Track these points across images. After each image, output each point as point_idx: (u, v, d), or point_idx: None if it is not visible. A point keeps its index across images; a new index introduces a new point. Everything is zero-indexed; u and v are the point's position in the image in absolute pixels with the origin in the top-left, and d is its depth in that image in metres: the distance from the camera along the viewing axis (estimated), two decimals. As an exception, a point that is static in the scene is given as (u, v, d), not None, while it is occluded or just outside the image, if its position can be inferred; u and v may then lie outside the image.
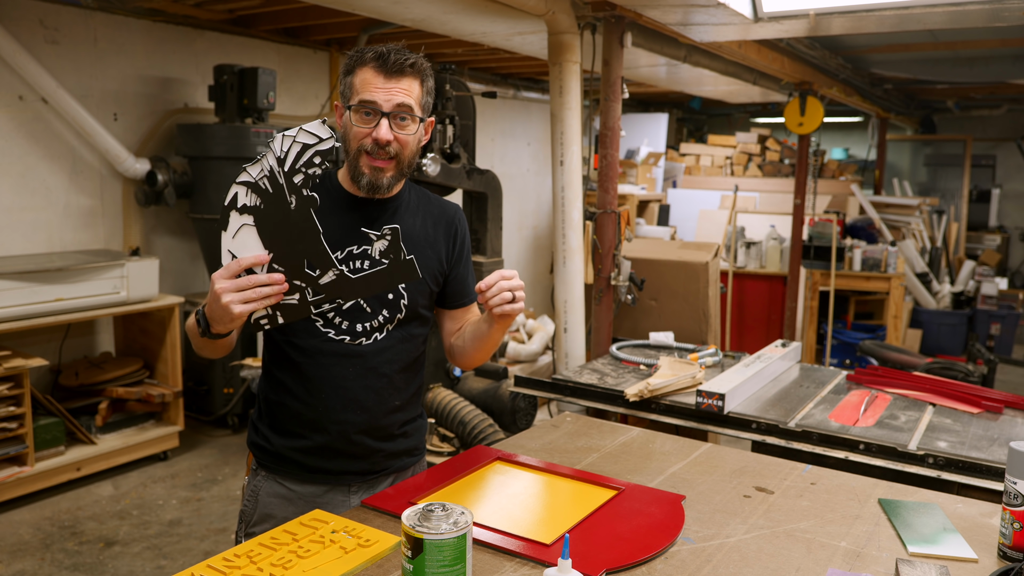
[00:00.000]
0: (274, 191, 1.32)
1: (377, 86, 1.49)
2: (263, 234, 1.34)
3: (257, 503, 1.64)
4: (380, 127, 1.49)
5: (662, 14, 3.72)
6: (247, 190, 1.32)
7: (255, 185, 1.32)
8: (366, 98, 1.49)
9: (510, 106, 7.45)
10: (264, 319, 1.38)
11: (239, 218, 1.33)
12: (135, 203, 4.57)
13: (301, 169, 1.31)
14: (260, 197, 1.32)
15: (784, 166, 8.45)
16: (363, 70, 1.50)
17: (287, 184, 1.31)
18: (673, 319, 4.17)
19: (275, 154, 1.30)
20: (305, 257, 1.36)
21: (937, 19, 3.58)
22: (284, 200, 1.32)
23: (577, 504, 1.51)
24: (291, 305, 1.37)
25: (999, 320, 7.17)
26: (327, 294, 1.38)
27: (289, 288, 1.36)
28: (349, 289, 1.38)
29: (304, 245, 1.35)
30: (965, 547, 1.39)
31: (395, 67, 1.49)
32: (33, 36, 4.07)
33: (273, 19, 4.89)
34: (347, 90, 1.53)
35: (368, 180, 1.53)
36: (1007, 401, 2.46)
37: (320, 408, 1.58)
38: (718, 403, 2.33)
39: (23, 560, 3.26)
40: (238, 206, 1.33)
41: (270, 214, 1.33)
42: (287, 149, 1.30)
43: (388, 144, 1.50)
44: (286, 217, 1.33)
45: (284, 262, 1.35)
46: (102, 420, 4.12)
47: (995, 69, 6.39)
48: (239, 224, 1.33)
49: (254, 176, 1.32)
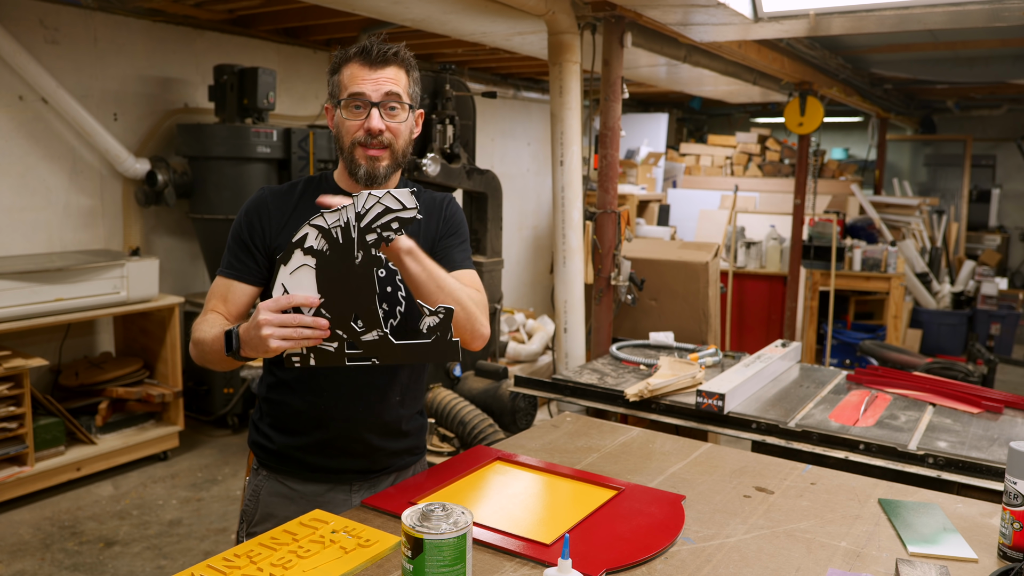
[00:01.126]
0: (344, 242, 1.33)
1: (364, 78, 1.51)
2: (320, 278, 1.35)
3: (259, 502, 1.65)
4: (371, 117, 1.51)
5: (662, 14, 3.72)
6: (318, 233, 1.33)
7: (327, 232, 1.33)
8: (354, 91, 1.51)
9: (510, 106, 7.45)
10: (296, 357, 1.39)
11: (302, 257, 1.34)
12: (135, 203, 4.57)
13: (376, 230, 1.32)
14: (328, 243, 1.33)
15: (784, 166, 8.45)
16: (348, 66, 1.53)
17: (359, 239, 1.32)
18: (673, 319, 4.17)
19: (356, 209, 1.31)
20: (355, 311, 1.36)
21: (937, 19, 3.58)
22: (351, 253, 1.33)
23: (577, 504, 1.51)
24: (327, 351, 1.37)
25: (999, 320, 7.17)
26: (365, 351, 1.38)
27: (330, 336, 1.36)
28: (387, 352, 1.38)
29: (357, 301, 1.36)
30: (965, 547, 1.39)
31: (379, 58, 1.51)
32: (33, 36, 4.07)
33: (273, 19, 4.89)
34: (335, 88, 1.55)
35: (365, 170, 1.53)
36: (1007, 401, 2.46)
37: (322, 405, 1.59)
38: (718, 403, 2.33)
39: (23, 560, 3.26)
40: (305, 246, 1.34)
41: (333, 262, 1.34)
42: (369, 207, 1.31)
43: (381, 133, 1.52)
44: (348, 269, 1.34)
45: (333, 310, 1.36)
46: (102, 420, 4.12)
47: (995, 69, 6.39)
48: (300, 263, 1.34)
49: (328, 223, 1.33)
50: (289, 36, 5.33)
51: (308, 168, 4.73)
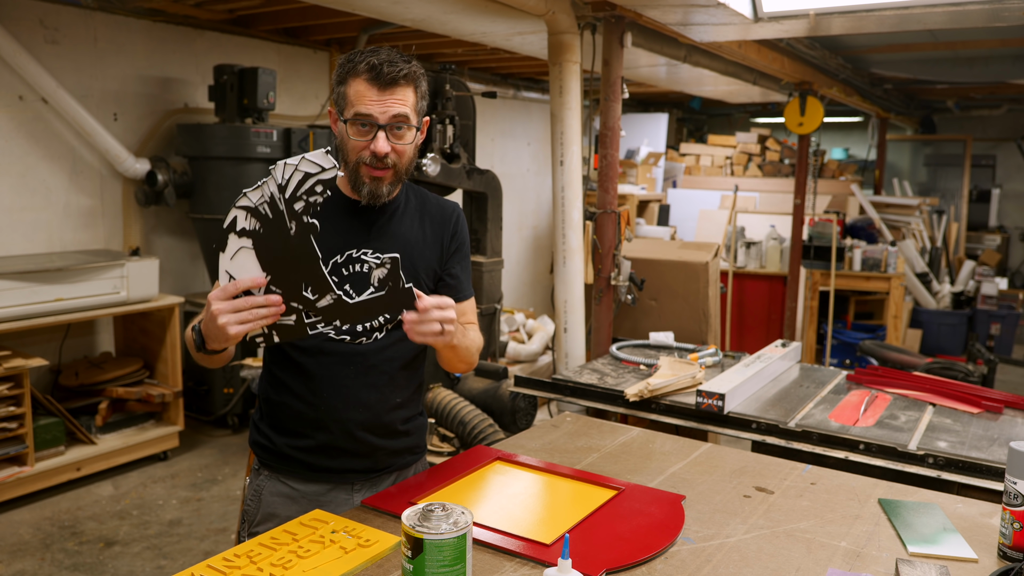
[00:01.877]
0: (274, 217, 1.32)
1: (371, 99, 1.48)
2: (261, 257, 1.34)
3: (260, 503, 1.65)
4: (377, 140, 1.49)
5: (662, 14, 3.72)
6: (246, 214, 1.32)
7: (255, 210, 1.32)
8: (361, 111, 1.48)
9: (510, 106, 7.45)
10: (260, 338, 1.39)
11: (237, 240, 1.33)
12: (135, 203, 4.57)
13: (302, 197, 1.31)
14: (259, 222, 1.32)
15: (784, 166, 8.45)
16: (356, 81, 1.49)
17: (287, 211, 1.31)
18: (673, 319, 4.17)
19: (276, 181, 1.30)
20: (303, 281, 1.36)
21: (937, 19, 3.58)
22: (284, 226, 1.32)
23: (577, 504, 1.51)
24: (287, 326, 1.38)
25: (999, 320, 7.17)
26: (324, 317, 1.38)
27: (286, 310, 1.37)
28: (346, 313, 1.39)
29: (303, 269, 1.35)
30: (965, 547, 1.39)
31: (388, 79, 1.48)
32: (33, 36, 4.07)
33: (273, 19, 4.89)
34: (341, 100, 1.52)
35: (369, 190, 1.53)
36: (1007, 401, 2.46)
37: (322, 407, 1.59)
38: (718, 403, 2.33)
39: (23, 560, 3.26)
40: (237, 229, 1.33)
41: (269, 238, 1.33)
42: (289, 177, 1.30)
43: (386, 156, 1.50)
44: (285, 242, 1.33)
45: (282, 284, 1.36)
46: (102, 420, 4.12)
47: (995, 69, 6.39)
48: (237, 246, 1.33)
49: (254, 201, 1.32)
50: (289, 36, 5.33)
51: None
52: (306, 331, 1.39)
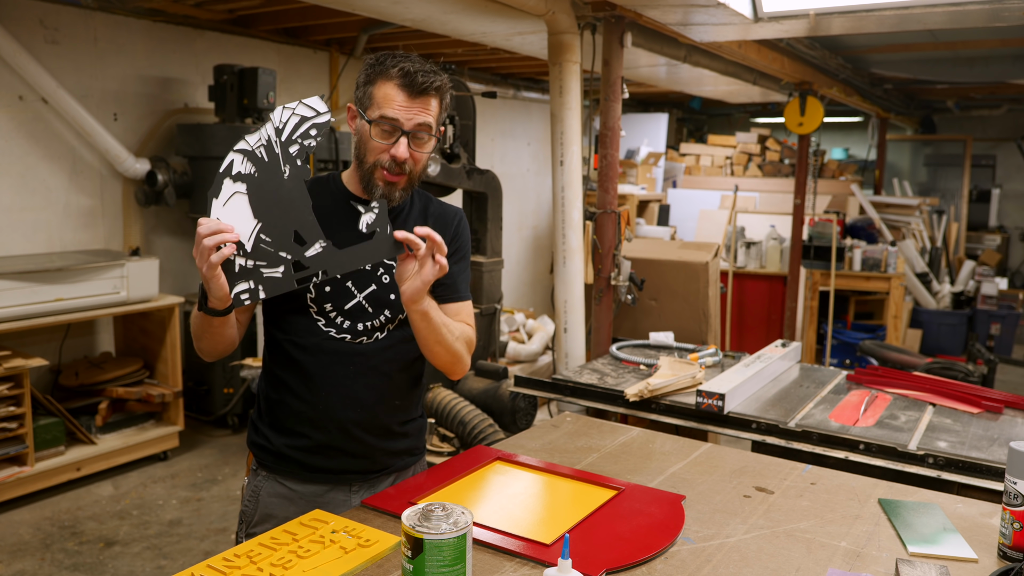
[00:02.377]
0: (269, 160, 1.36)
1: (400, 104, 1.48)
2: (254, 202, 1.37)
3: (258, 503, 1.65)
4: (399, 145, 1.49)
5: (662, 14, 3.72)
6: (243, 158, 1.36)
7: (251, 153, 1.36)
8: (388, 115, 1.48)
9: (510, 106, 7.45)
10: (245, 293, 1.39)
11: (232, 185, 1.37)
12: (135, 203, 4.57)
13: (298, 140, 1.36)
14: (255, 166, 1.36)
15: (784, 166, 8.45)
16: (386, 84, 1.49)
17: (283, 153, 1.36)
18: (673, 319, 4.17)
19: (274, 124, 1.36)
20: (293, 227, 1.38)
21: (937, 19, 3.58)
22: (278, 169, 1.36)
23: (577, 504, 1.51)
24: (274, 278, 1.38)
25: (999, 320, 7.17)
26: (312, 266, 1.39)
27: (275, 260, 1.38)
28: (334, 262, 1.40)
29: (293, 215, 1.38)
30: (965, 547, 1.39)
31: (420, 88, 1.48)
32: (33, 36, 4.07)
33: (273, 19, 4.89)
34: (366, 99, 1.51)
35: (382, 194, 1.53)
36: (1007, 401, 2.46)
37: (321, 406, 1.59)
38: (718, 403, 2.33)
39: (23, 560, 3.26)
40: (232, 173, 1.36)
41: (263, 183, 1.37)
42: (286, 120, 1.36)
43: (404, 162, 1.51)
44: (279, 186, 1.37)
45: (272, 232, 1.38)
46: (102, 420, 4.12)
47: (995, 69, 6.39)
48: (232, 191, 1.37)
49: (251, 145, 1.36)
50: (289, 36, 5.33)
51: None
52: (294, 283, 1.39)
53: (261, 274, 1.38)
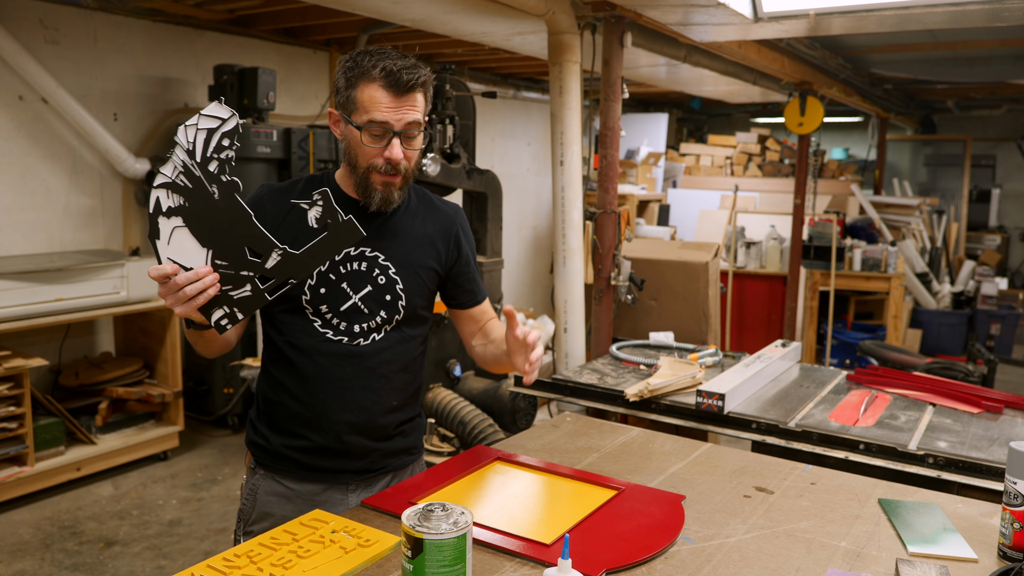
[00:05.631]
0: (194, 185, 1.29)
1: (387, 106, 1.46)
2: (196, 232, 1.31)
3: (255, 501, 1.65)
4: (392, 147, 1.48)
5: (662, 14, 3.72)
6: (167, 191, 1.29)
7: (172, 184, 1.29)
8: (377, 119, 1.46)
9: (510, 106, 7.45)
10: (224, 318, 1.37)
11: (168, 222, 1.30)
12: (135, 203, 4.57)
13: (213, 156, 1.28)
14: (182, 195, 1.29)
15: (784, 166, 8.45)
16: (369, 86, 1.46)
17: (204, 175, 1.28)
18: (673, 319, 4.17)
19: (184, 147, 1.27)
20: (244, 244, 1.33)
21: (937, 19, 3.58)
22: (206, 192, 1.30)
23: (577, 504, 1.51)
24: (245, 298, 1.36)
25: (999, 320, 7.17)
26: (277, 276, 1.36)
27: (239, 281, 1.35)
28: (298, 265, 1.36)
29: (239, 232, 1.33)
30: (965, 547, 1.39)
31: (407, 87, 1.46)
32: (33, 36, 4.07)
33: (273, 19, 4.89)
34: (350, 104, 1.49)
35: (381, 196, 1.53)
36: (1007, 401, 2.46)
37: (318, 408, 1.58)
38: (718, 403, 2.33)
39: (23, 560, 3.26)
40: (163, 210, 1.30)
41: (197, 210, 1.30)
42: (193, 139, 1.27)
43: (399, 163, 1.50)
44: (213, 209, 1.30)
45: (226, 255, 1.33)
46: (102, 420, 4.12)
47: (995, 69, 6.39)
48: (170, 228, 1.31)
49: (170, 176, 1.28)
50: (289, 36, 5.33)
51: (308, 168, 4.73)
52: (266, 298, 1.37)
53: (231, 298, 1.35)
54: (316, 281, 1.54)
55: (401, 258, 1.60)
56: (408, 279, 1.61)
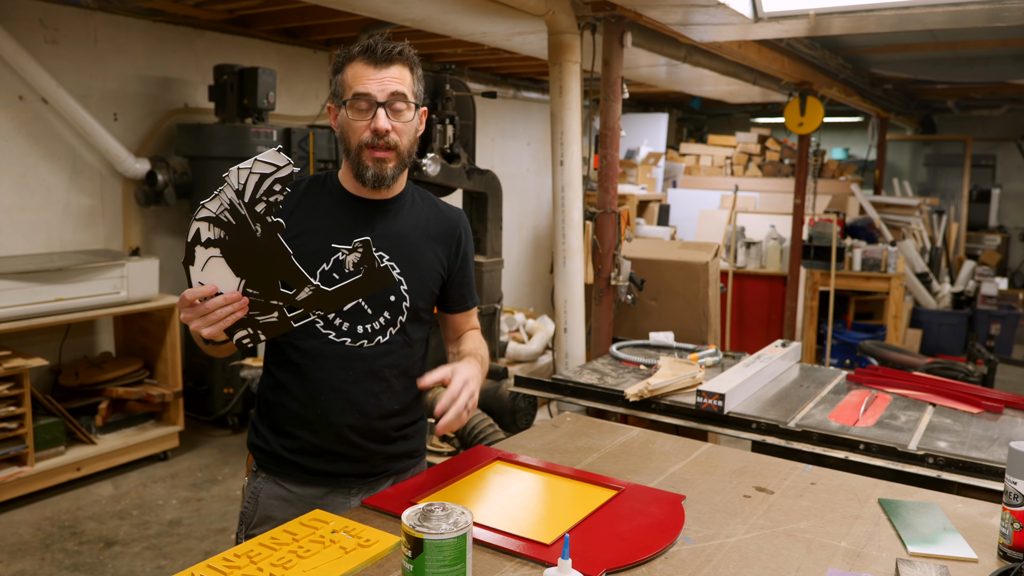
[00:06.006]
0: (237, 222, 1.30)
1: (369, 77, 1.50)
2: (232, 263, 1.33)
3: (257, 505, 1.64)
4: (378, 117, 1.50)
5: (662, 14, 3.72)
6: (209, 224, 1.30)
7: (216, 219, 1.30)
8: (360, 90, 1.50)
9: (510, 106, 7.45)
10: (246, 339, 1.39)
11: (205, 252, 1.31)
12: (135, 203, 4.57)
13: (262, 198, 1.29)
14: (223, 230, 1.30)
15: (784, 166, 8.45)
16: (352, 65, 1.52)
17: (250, 214, 1.29)
18: (673, 319, 4.17)
19: (233, 187, 1.28)
20: (278, 278, 1.35)
21: (937, 19, 3.58)
22: (249, 229, 1.31)
23: (577, 504, 1.51)
24: (271, 323, 1.38)
25: (999, 320, 7.17)
26: (305, 308, 1.38)
27: (267, 308, 1.37)
28: (327, 302, 1.38)
29: (276, 268, 1.34)
30: (965, 547, 1.39)
31: (384, 56, 1.50)
32: (33, 36, 4.07)
33: (273, 19, 4.89)
34: (339, 88, 1.54)
35: (373, 172, 1.53)
36: (1007, 401, 2.46)
37: (319, 410, 1.58)
38: (718, 403, 2.33)
39: (23, 560, 3.26)
40: (202, 240, 1.31)
41: (236, 244, 1.31)
42: (244, 181, 1.28)
43: (387, 133, 1.51)
44: (254, 245, 1.32)
45: (258, 284, 1.35)
46: (102, 420, 4.12)
47: (995, 69, 6.39)
48: (206, 257, 1.32)
49: (214, 211, 1.29)
50: (289, 36, 5.33)
51: (308, 168, 4.73)
52: (291, 324, 1.39)
53: (257, 321, 1.37)
54: (319, 280, 1.54)
55: (406, 259, 1.60)
56: (413, 280, 1.61)
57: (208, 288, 1.32)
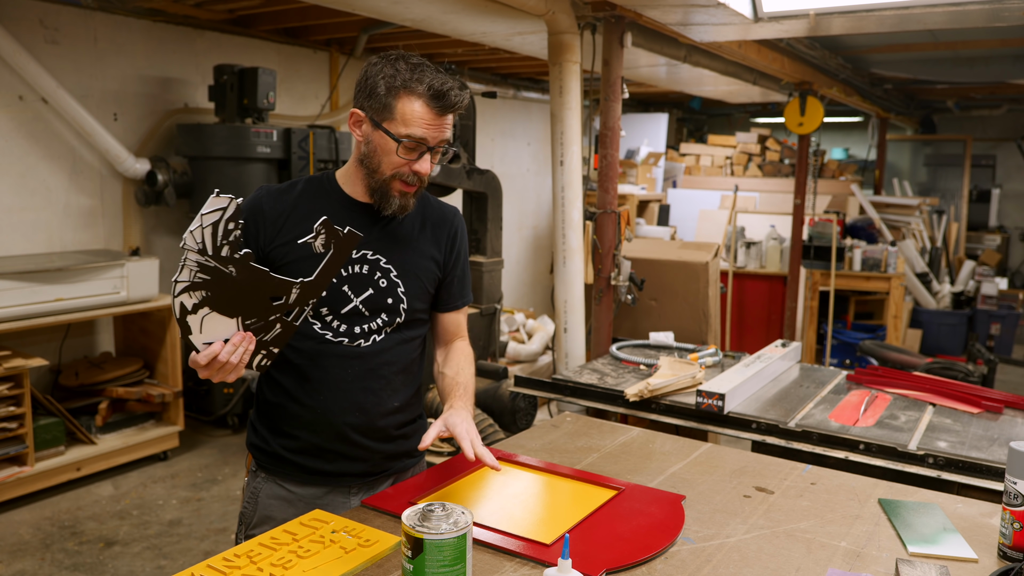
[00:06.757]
0: (212, 276, 1.33)
1: (428, 122, 1.48)
2: (223, 311, 1.36)
3: (257, 505, 1.64)
4: (424, 161, 1.51)
5: (662, 14, 3.72)
6: (188, 294, 1.33)
7: (192, 284, 1.32)
8: (416, 134, 1.48)
9: (510, 106, 7.45)
10: (263, 359, 1.43)
11: (196, 316, 1.34)
12: (135, 203, 4.57)
13: (223, 243, 1.31)
14: (203, 289, 1.33)
15: (784, 166, 8.45)
16: (412, 99, 1.46)
17: (219, 263, 1.32)
18: (673, 319, 4.17)
19: (194, 249, 1.30)
20: (267, 297, 1.39)
21: (937, 19, 3.58)
22: (225, 275, 1.33)
23: (577, 504, 1.51)
24: (277, 335, 1.42)
25: (999, 320, 7.17)
26: (298, 304, 1.41)
27: (269, 326, 1.40)
28: (314, 288, 1.42)
29: (262, 291, 1.38)
30: (965, 547, 1.39)
31: (452, 108, 1.49)
32: (33, 36, 4.07)
33: (273, 19, 4.89)
34: (386, 112, 1.48)
35: (399, 204, 1.55)
36: (1007, 401, 2.46)
37: (319, 410, 1.58)
38: (718, 403, 2.33)
39: (23, 560, 3.26)
40: (189, 310, 1.33)
41: (219, 294, 1.34)
42: (201, 238, 1.29)
43: (425, 176, 1.54)
44: (234, 285, 1.35)
45: (252, 313, 1.39)
46: (102, 420, 4.12)
47: (995, 69, 6.39)
48: (199, 320, 1.35)
49: (189, 279, 1.31)
50: (289, 36, 5.33)
51: (308, 168, 4.73)
52: (294, 326, 1.43)
53: (266, 341, 1.41)
54: None
55: (403, 262, 1.60)
56: (410, 283, 1.61)
57: (215, 347, 1.35)
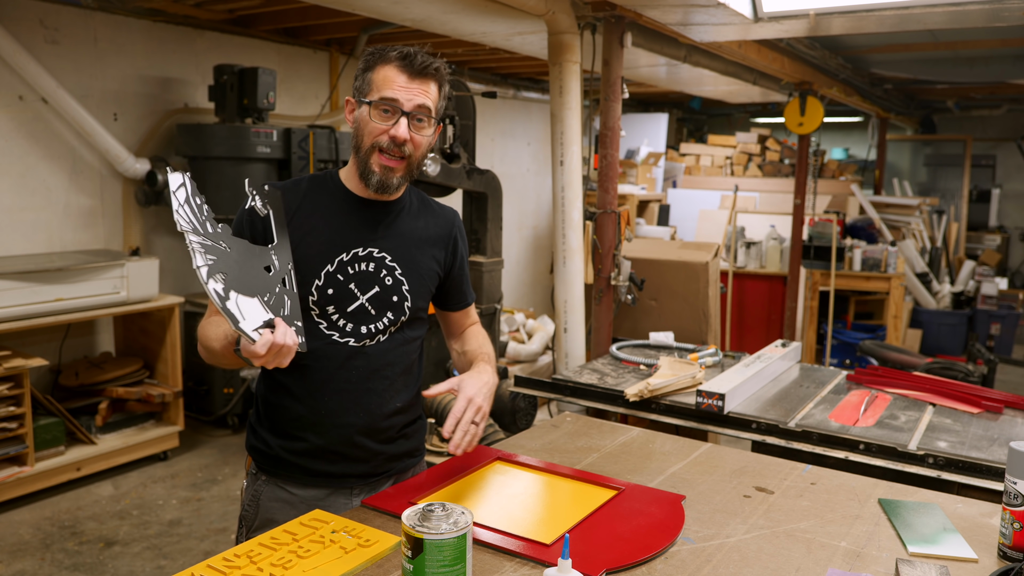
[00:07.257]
0: (217, 255, 1.35)
1: (400, 84, 1.50)
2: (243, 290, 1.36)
3: (259, 508, 1.64)
4: (399, 125, 1.50)
5: (662, 14, 3.72)
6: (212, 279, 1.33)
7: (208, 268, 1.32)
8: (388, 95, 1.50)
9: (510, 106, 7.45)
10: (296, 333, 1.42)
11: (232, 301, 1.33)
12: (135, 203, 4.57)
13: (207, 218, 1.36)
14: (219, 271, 1.34)
15: (784, 166, 8.45)
16: (386, 67, 1.51)
17: (212, 239, 1.35)
18: (673, 319, 4.17)
19: (189, 230, 1.33)
20: (261, 267, 1.40)
21: (937, 19, 3.58)
22: (223, 252, 1.36)
23: (577, 504, 1.51)
24: (293, 307, 1.43)
25: (999, 320, 7.17)
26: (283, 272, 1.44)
27: (280, 300, 1.41)
28: (282, 250, 1.45)
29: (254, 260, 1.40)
30: (965, 547, 1.39)
31: (420, 69, 1.51)
32: (33, 36, 4.07)
33: (273, 19, 4.89)
34: (365, 85, 1.53)
35: (379, 179, 1.54)
36: (1007, 401, 2.46)
37: (322, 411, 1.58)
38: (718, 403, 2.33)
39: (23, 560, 3.26)
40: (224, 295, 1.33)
41: (232, 273, 1.35)
42: (188, 218, 1.34)
43: (404, 143, 1.51)
44: (235, 261, 1.36)
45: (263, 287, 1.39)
46: (102, 420, 4.12)
47: (995, 69, 6.39)
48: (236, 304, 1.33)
49: (204, 262, 1.33)
50: (289, 36, 5.33)
51: (308, 168, 4.73)
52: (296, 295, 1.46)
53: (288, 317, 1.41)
54: (324, 282, 1.54)
55: (407, 259, 1.61)
56: (413, 280, 1.62)
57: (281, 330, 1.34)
